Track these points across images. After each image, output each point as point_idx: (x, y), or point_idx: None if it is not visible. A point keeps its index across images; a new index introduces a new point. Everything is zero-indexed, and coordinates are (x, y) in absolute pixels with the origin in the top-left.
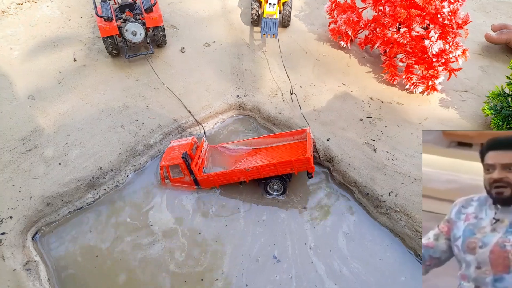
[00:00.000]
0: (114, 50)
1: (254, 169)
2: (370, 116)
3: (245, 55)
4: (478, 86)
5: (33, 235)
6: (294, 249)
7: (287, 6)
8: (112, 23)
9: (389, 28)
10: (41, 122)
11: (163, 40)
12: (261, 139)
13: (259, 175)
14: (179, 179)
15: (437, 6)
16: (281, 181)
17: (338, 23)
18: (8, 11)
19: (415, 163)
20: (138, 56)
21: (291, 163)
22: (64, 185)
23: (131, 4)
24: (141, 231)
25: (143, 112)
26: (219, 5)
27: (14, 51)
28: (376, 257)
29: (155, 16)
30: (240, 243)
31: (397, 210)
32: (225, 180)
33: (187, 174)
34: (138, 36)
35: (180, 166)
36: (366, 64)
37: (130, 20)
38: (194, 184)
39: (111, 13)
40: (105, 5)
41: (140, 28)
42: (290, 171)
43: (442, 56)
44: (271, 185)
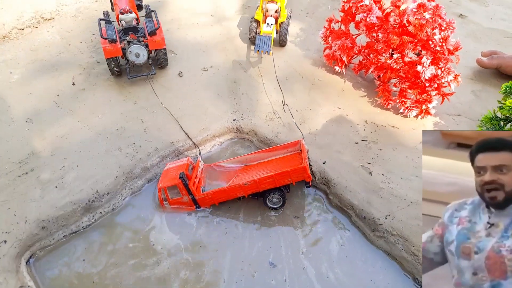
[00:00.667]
0: (117, 70)
1: (252, 183)
2: (366, 140)
3: (241, 79)
4: (471, 110)
5: (27, 259)
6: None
7: (284, 26)
8: (116, 44)
9: (382, 54)
10: (38, 145)
11: (165, 62)
12: (256, 154)
13: (258, 189)
14: (177, 200)
15: (428, 33)
16: (280, 193)
17: (333, 49)
18: (9, 36)
19: (411, 186)
20: (139, 77)
21: (289, 174)
22: (60, 208)
23: (135, 27)
24: (143, 253)
25: (140, 135)
26: (217, 32)
27: (13, 75)
28: (379, 283)
29: (158, 39)
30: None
31: (394, 233)
32: (224, 197)
33: (186, 194)
34: (141, 58)
35: (178, 186)
36: (361, 89)
37: (134, 43)
38: (193, 204)
39: (115, 35)
40: (109, 27)
41: (143, 50)
42: (288, 182)
43: (434, 81)
44: (270, 198)
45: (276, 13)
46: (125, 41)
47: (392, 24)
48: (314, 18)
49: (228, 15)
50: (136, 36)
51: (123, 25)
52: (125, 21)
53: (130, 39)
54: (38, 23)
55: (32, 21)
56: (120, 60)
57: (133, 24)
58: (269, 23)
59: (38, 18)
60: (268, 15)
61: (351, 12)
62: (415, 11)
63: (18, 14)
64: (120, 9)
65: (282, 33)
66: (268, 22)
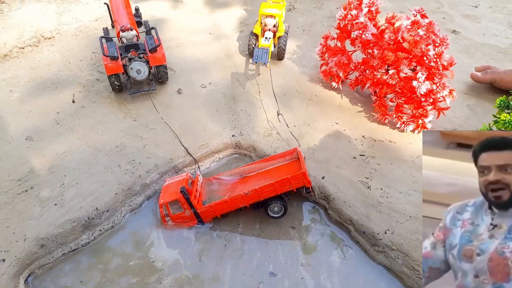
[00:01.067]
0: (118, 85)
1: (253, 192)
2: (363, 154)
3: (240, 95)
4: (466, 124)
5: (25, 278)
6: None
7: (282, 40)
8: (117, 62)
9: (378, 70)
10: (38, 163)
11: (166, 77)
12: (254, 164)
13: (259, 197)
14: (179, 215)
15: (422, 49)
16: (282, 202)
17: (329, 65)
18: (10, 55)
19: (410, 200)
20: (139, 93)
21: (289, 181)
22: (59, 226)
23: (136, 44)
24: (144, 271)
25: (140, 152)
26: (215, 49)
27: (14, 93)
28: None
29: (159, 56)
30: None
31: (394, 248)
32: (226, 208)
33: (188, 208)
34: (142, 74)
35: (180, 201)
36: (358, 104)
37: (135, 59)
38: (195, 218)
39: (117, 53)
40: (111, 45)
41: (144, 66)
42: (289, 189)
43: (430, 96)
44: (272, 207)
45: (274, 27)
46: (127, 58)
47: (387, 41)
48: (311, 35)
49: (226, 33)
50: (137, 53)
51: (124, 42)
52: (126, 39)
53: (131, 56)
54: (39, 42)
55: (32, 40)
56: (121, 76)
57: (134, 41)
58: (267, 37)
59: (39, 37)
60: (266, 29)
61: (347, 29)
62: (409, 28)
63: (19, 33)
64: (121, 26)
65: (280, 46)
66: (266, 36)
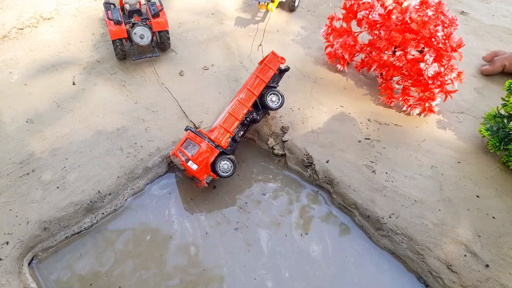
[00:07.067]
0: (122, 51)
1: (247, 93)
2: (369, 138)
3: (243, 78)
4: (474, 108)
5: (29, 261)
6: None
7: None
8: (121, 26)
9: (384, 52)
10: (39, 146)
11: (168, 43)
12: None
13: (254, 94)
14: (199, 154)
15: (431, 30)
16: (275, 93)
17: (335, 47)
18: (8, 36)
19: (415, 184)
20: (142, 59)
21: (266, 66)
22: (62, 209)
23: (139, 10)
24: (145, 253)
25: (142, 135)
26: (217, 30)
27: (13, 75)
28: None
29: (162, 21)
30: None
31: (398, 232)
32: (234, 121)
33: (201, 140)
34: (145, 39)
35: (190, 138)
36: (363, 87)
37: (138, 24)
38: (215, 148)
39: (120, 17)
40: (114, 10)
41: (147, 31)
42: (271, 73)
43: (437, 79)
44: (270, 97)
45: None
46: (130, 23)
47: (394, 21)
48: (315, 16)
49: (228, 14)
50: (141, 19)
51: (127, 9)
52: (129, 5)
53: (134, 21)
54: (38, 23)
55: (31, 21)
56: (124, 44)
57: (137, 7)
58: None
59: (38, 17)
60: None
61: (353, 9)
62: (417, 8)
63: (17, 14)
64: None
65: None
66: None
